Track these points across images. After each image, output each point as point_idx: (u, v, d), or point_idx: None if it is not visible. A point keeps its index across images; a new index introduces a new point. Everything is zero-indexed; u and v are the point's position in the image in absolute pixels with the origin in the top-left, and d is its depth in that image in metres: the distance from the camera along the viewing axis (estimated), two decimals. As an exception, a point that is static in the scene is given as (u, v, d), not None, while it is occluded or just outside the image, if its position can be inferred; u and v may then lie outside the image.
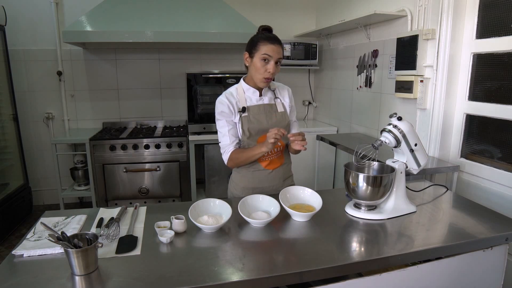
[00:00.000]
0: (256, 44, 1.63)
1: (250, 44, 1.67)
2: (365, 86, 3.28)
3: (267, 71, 1.63)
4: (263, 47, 1.61)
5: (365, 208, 1.53)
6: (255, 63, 1.63)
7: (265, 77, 1.64)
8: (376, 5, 3.02)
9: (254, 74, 1.67)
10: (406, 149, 1.53)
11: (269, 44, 1.61)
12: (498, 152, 2.21)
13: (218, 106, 1.72)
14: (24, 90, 3.67)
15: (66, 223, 1.41)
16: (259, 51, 1.61)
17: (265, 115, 1.74)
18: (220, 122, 1.73)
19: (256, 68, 1.64)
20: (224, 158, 1.75)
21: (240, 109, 1.71)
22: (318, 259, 1.19)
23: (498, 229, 1.39)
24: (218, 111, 1.72)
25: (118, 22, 3.19)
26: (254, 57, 1.63)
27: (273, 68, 1.62)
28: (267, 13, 4.05)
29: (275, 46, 1.62)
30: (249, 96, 1.75)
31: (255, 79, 1.68)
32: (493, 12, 2.19)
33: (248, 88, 1.74)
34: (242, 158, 1.70)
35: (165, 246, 1.26)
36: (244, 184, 1.80)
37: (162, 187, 3.48)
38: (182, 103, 3.94)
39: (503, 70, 2.13)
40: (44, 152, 3.82)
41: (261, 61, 1.61)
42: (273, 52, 1.61)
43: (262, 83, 1.68)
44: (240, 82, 1.78)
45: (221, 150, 1.75)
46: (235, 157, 1.70)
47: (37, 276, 1.07)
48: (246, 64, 1.71)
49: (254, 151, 1.66)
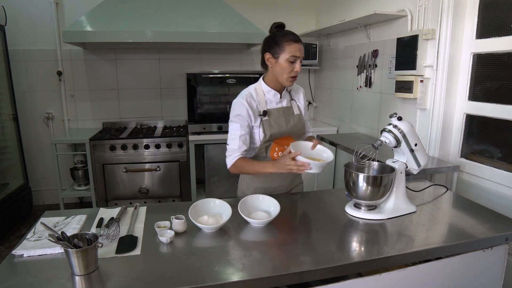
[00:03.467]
0: (281, 44, 1.58)
1: (272, 44, 1.61)
2: (365, 86, 3.28)
3: (294, 70, 1.60)
4: (289, 47, 1.57)
5: (365, 208, 1.53)
6: (281, 64, 1.59)
7: (292, 76, 1.62)
8: (376, 5, 3.02)
9: (280, 74, 1.62)
10: (406, 149, 1.53)
11: (295, 44, 1.58)
12: (498, 152, 2.21)
13: (236, 108, 1.66)
14: (24, 90, 3.67)
15: (66, 223, 1.41)
16: (286, 51, 1.57)
17: (284, 118, 1.72)
18: (233, 125, 1.67)
19: (282, 68, 1.60)
20: (228, 161, 1.69)
21: (261, 112, 1.67)
22: (318, 259, 1.19)
23: (498, 229, 1.39)
24: (235, 113, 1.66)
25: (118, 22, 3.19)
26: (280, 58, 1.59)
27: (300, 67, 1.60)
28: (267, 13, 4.05)
29: (300, 45, 1.59)
30: (270, 98, 1.71)
31: (281, 79, 1.64)
32: (493, 12, 2.18)
33: (268, 90, 1.70)
34: (247, 169, 1.67)
35: (165, 246, 1.26)
36: (257, 184, 1.79)
37: (162, 187, 3.48)
38: (182, 103, 3.94)
39: (503, 70, 2.13)
40: (44, 152, 3.82)
41: (287, 62, 1.58)
42: (300, 51, 1.59)
43: (289, 83, 1.65)
44: (260, 83, 1.72)
45: (226, 152, 1.70)
46: (240, 165, 1.66)
47: (37, 276, 1.07)
48: (268, 65, 1.65)
49: (262, 168, 1.61)
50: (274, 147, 1.72)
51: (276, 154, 1.72)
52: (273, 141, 1.71)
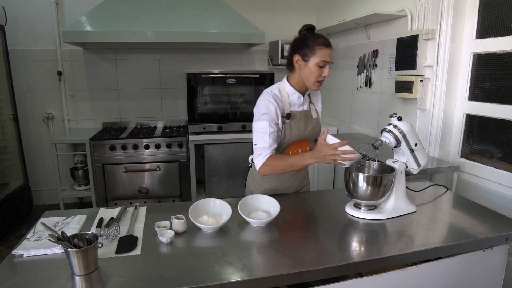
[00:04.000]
0: (312, 47, 1.56)
1: (302, 47, 1.58)
2: (365, 86, 3.28)
3: (322, 75, 1.59)
4: (321, 51, 1.55)
5: (365, 208, 1.53)
6: (310, 67, 1.58)
7: (319, 80, 1.61)
8: (376, 5, 3.02)
9: (308, 77, 1.60)
10: (406, 149, 1.53)
11: (326, 49, 1.56)
12: (498, 152, 2.21)
13: (264, 106, 1.60)
14: (24, 90, 3.67)
15: (66, 223, 1.41)
16: (316, 55, 1.55)
17: (304, 122, 1.71)
18: (261, 123, 1.59)
19: (310, 71, 1.58)
20: (258, 162, 1.58)
21: (285, 115, 1.65)
22: (318, 259, 1.19)
23: (498, 229, 1.39)
24: (263, 112, 1.59)
25: (118, 22, 3.19)
26: (310, 61, 1.57)
27: (328, 72, 1.59)
28: (267, 13, 4.05)
29: (331, 50, 1.58)
30: (293, 100, 1.68)
31: (308, 82, 1.62)
32: (493, 12, 2.18)
33: (293, 92, 1.67)
34: (281, 166, 1.58)
35: (165, 246, 1.26)
36: (267, 185, 1.76)
37: (162, 187, 3.48)
38: (182, 103, 3.93)
39: (503, 70, 2.13)
40: (44, 152, 3.82)
41: (317, 66, 1.57)
42: (330, 57, 1.58)
43: (315, 87, 1.63)
44: (284, 83, 1.69)
45: (255, 152, 1.60)
46: (273, 163, 1.56)
47: (37, 276, 1.07)
48: (296, 67, 1.62)
49: (300, 161, 1.56)
50: (288, 151, 1.71)
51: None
52: (289, 145, 1.70)
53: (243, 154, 3.53)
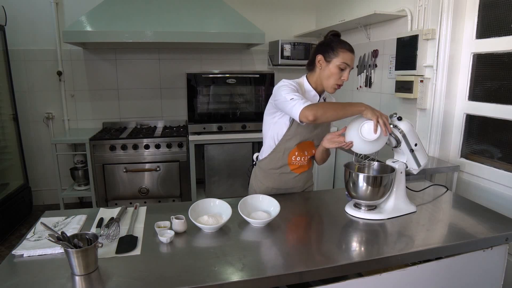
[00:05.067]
0: (335, 50, 1.58)
1: (326, 48, 1.61)
2: (365, 86, 3.28)
3: (341, 78, 1.61)
4: (343, 54, 1.57)
5: (365, 208, 1.53)
6: (331, 69, 1.59)
7: (338, 83, 1.62)
8: (376, 5, 3.02)
9: (327, 79, 1.62)
10: (406, 149, 1.53)
11: (349, 53, 1.58)
12: (498, 152, 2.21)
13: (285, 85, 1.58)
14: (24, 90, 3.67)
15: (66, 223, 1.41)
16: (339, 57, 1.57)
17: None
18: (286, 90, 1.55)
19: (330, 73, 1.60)
20: (297, 107, 1.47)
21: None
22: (318, 259, 1.19)
23: (498, 229, 1.39)
24: (287, 86, 1.57)
25: (118, 22, 3.19)
26: (331, 62, 1.59)
27: (347, 77, 1.61)
28: (267, 13, 4.05)
29: (353, 55, 1.60)
30: (309, 98, 1.68)
31: (326, 84, 1.63)
32: (493, 12, 2.19)
33: (310, 89, 1.68)
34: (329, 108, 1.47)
35: (165, 246, 1.26)
36: (269, 184, 1.78)
37: (162, 187, 3.48)
38: (182, 103, 3.93)
39: (503, 70, 2.13)
40: (44, 152, 3.82)
41: (338, 68, 1.58)
42: (352, 61, 1.59)
43: (332, 90, 1.64)
44: (303, 80, 1.71)
45: (291, 102, 1.50)
46: (319, 106, 1.47)
47: (37, 276, 1.07)
48: (317, 67, 1.64)
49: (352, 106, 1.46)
50: (294, 151, 1.71)
51: (294, 158, 1.72)
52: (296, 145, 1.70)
53: (243, 154, 3.53)
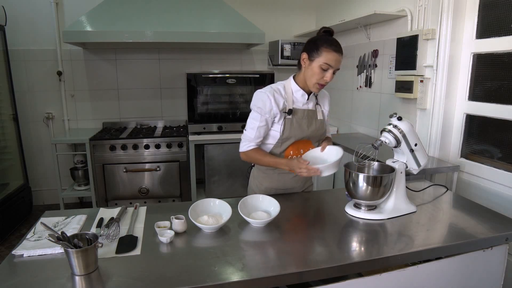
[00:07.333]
0: (319, 48, 1.55)
1: (311, 46, 1.59)
2: (365, 86, 3.28)
3: (323, 78, 1.58)
4: (326, 54, 1.54)
5: (365, 208, 1.53)
6: (313, 68, 1.57)
7: (320, 83, 1.60)
8: (376, 5, 3.02)
9: (310, 77, 1.61)
10: (406, 149, 1.53)
11: (333, 52, 1.54)
12: (498, 152, 2.21)
13: (260, 101, 1.63)
14: (24, 90, 3.67)
15: (66, 223, 1.41)
16: (321, 57, 1.55)
17: (307, 120, 1.71)
18: (254, 114, 1.67)
19: (313, 72, 1.58)
20: (242, 147, 1.70)
21: (286, 110, 1.66)
22: (318, 259, 1.19)
23: (498, 229, 1.39)
24: (258, 105, 1.64)
25: (118, 22, 3.19)
26: (314, 61, 1.57)
27: (330, 77, 1.58)
28: (267, 13, 4.05)
29: (338, 56, 1.56)
30: (297, 98, 1.69)
31: (309, 83, 1.62)
32: (493, 12, 2.18)
33: (297, 89, 1.68)
34: (258, 161, 1.70)
35: (165, 246, 1.26)
36: (267, 184, 1.78)
37: (162, 187, 3.48)
38: (182, 103, 3.93)
39: (503, 70, 2.13)
40: (44, 152, 3.82)
41: (320, 68, 1.56)
42: (335, 62, 1.56)
43: (315, 89, 1.63)
44: (290, 80, 1.71)
45: (242, 137, 1.71)
46: (253, 156, 1.69)
47: (37, 276, 1.07)
48: (302, 65, 1.63)
49: (275, 163, 1.66)
50: (289, 150, 1.72)
51: (290, 157, 1.72)
52: (291, 144, 1.71)
53: (243, 154, 3.53)
